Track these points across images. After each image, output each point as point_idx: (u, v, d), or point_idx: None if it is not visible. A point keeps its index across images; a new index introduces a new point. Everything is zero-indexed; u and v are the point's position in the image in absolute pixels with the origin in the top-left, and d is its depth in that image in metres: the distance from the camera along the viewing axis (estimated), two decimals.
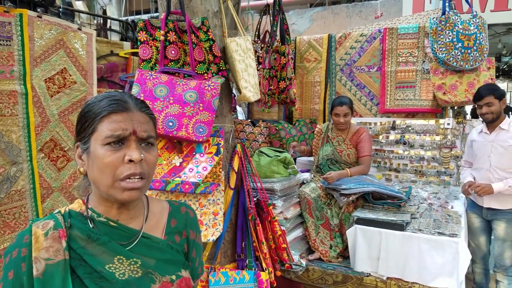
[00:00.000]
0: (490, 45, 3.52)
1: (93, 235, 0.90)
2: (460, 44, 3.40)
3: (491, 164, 2.85)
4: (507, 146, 2.77)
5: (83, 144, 0.90)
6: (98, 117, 0.88)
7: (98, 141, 0.87)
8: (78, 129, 0.92)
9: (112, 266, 0.89)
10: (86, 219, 0.92)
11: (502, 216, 2.85)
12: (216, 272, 2.18)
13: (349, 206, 2.97)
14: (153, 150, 0.94)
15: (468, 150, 3.15)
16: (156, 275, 0.94)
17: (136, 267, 0.92)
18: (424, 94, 3.77)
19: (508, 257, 2.85)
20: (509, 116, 7.42)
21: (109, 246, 0.90)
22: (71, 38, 2.59)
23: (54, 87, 2.48)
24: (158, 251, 0.97)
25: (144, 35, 2.16)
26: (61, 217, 0.90)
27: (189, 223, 1.08)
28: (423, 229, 2.60)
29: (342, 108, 3.14)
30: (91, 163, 0.89)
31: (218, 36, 2.27)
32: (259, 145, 3.62)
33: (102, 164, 0.86)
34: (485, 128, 2.92)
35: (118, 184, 0.87)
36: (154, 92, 2.03)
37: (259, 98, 2.42)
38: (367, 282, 2.67)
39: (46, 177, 2.43)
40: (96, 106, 0.90)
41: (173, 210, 1.08)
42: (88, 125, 0.89)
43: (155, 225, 1.01)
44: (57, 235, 0.87)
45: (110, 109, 0.88)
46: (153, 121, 0.97)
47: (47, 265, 0.84)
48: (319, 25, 6.50)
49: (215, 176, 2.14)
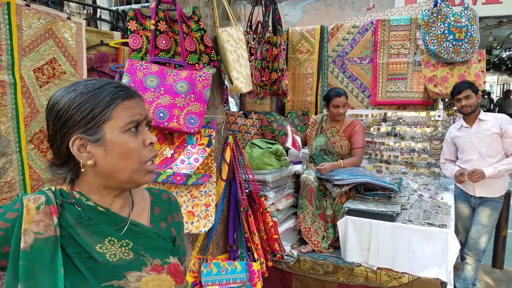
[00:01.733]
0: (481, 38, 3.54)
1: (83, 216, 0.89)
2: (452, 36, 3.41)
3: (481, 154, 2.96)
4: (491, 134, 2.92)
5: (90, 135, 0.87)
6: (112, 105, 0.87)
7: (116, 129, 0.87)
8: (78, 121, 0.86)
9: (103, 246, 0.89)
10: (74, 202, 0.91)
11: (489, 204, 2.99)
12: (208, 263, 2.19)
13: (342, 197, 2.98)
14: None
15: (448, 148, 3.24)
16: (148, 257, 0.94)
17: (127, 249, 0.92)
18: (415, 86, 3.79)
19: (484, 242, 3.01)
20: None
21: (99, 228, 0.90)
22: (60, 27, 2.55)
23: (43, 77, 2.44)
24: (146, 238, 0.97)
25: (134, 24, 2.13)
26: (52, 194, 0.89)
27: (173, 208, 1.10)
28: (413, 220, 2.63)
29: (341, 99, 3.18)
30: (108, 152, 0.87)
31: (210, 26, 2.25)
32: (251, 137, 3.62)
33: (128, 149, 0.88)
34: (464, 123, 3.06)
35: (144, 168, 0.90)
36: (145, 82, 2.01)
37: (251, 89, 2.41)
38: (358, 272, 2.70)
39: (36, 168, 2.40)
40: (100, 94, 0.87)
41: (155, 198, 1.08)
42: (98, 114, 0.86)
43: (140, 214, 1.02)
44: (49, 210, 0.86)
45: (123, 96, 0.89)
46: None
47: (36, 238, 0.82)
48: (311, 16, 6.47)
49: (206, 167, 2.14)
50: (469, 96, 2.94)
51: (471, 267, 3.06)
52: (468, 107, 2.95)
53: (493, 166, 2.89)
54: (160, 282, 0.94)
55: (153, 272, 0.94)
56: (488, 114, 3.02)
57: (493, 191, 2.98)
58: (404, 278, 2.57)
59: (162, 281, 0.94)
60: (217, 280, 2.14)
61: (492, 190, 2.98)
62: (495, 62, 15.25)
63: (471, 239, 3.04)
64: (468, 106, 2.95)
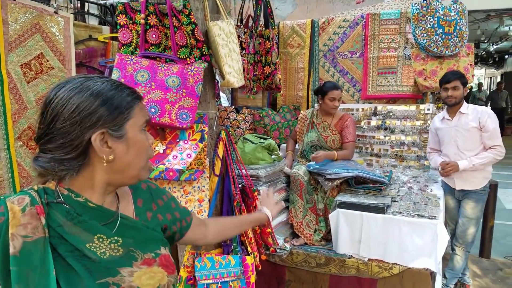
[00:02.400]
0: (470, 32, 3.57)
1: (72, 213, 0.87)
2: (441, 30, 3.44)
3: (459, 148, 2.97)
4: (470, 128, 2.91)
5: (115, 131, 0.88)
6: (135, 104, 0.93)
7: (136, 127, 0.93)
8: (105, 115, 0.87)
9: (93, 245, 0.88)
10: (61, 199, 0.89)
11: (471, 196, 3.02)
12: (202, 257, 2.19)
13: (333, 190, 3.00)
14: None
15: (432, 138, 3.27)
16: (138, 252, 0.95)
17: (117, 246, 0.92)
18: (405, 80, 3.82)
19: (471, 234, 3.05)
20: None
21: (89, 224, 0.89)
22: (48, 22, 2.50)
23: (30, 73, 2.40)
24: (135, 230, 0.98)
25: (123, 18, 2.10)
26: (36, 193, 0.86)
27: (154, 195, 1.12)
28: (403, 212, 2.66)
29: (338, 91, 3.20)
30: (128, 148, 0.92)
31: (200, 20, 2.23)
32: (244, 132, 3.62)
33: (143, 147, 0.95)
34: (447, 115, 3.06)
35: (148, 165, 0.98)
36: (135, 77, 1.99)
37: (243, 84, 2.40)
38: (349, 264, 2.73)
39: (25, 165, 2.37)
40: (122, 93, 0.92)
41: (135, 190, 1.08)
42: (124, 111, 0.91)
43: (126, 208, 1.02)
44: (35, 211, 0.83)
45: (139, 97, 0.96)
46: None
47: (24, 242, 0.80)
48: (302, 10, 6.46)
49: (199, 163, 2.13)
50: (456, 87, 2.91)
51: (460, 257, 3.11)
52: (453, 98, 2.93)
53: (469, 159, 2.89)
54: (152, 274, 0.95)
55: (144, 266, 0.94)
56: (471, 107, 2.98)
57: (473, 184, 2.98)
58: (395, 269, 2.61)
59: (154, 273, 0.95)
60: (211, 275, 2.14)
61: (472, 183, 2.99)
62: (483, 55, 15.42)
63: (459, 231, 3.09)
64: (453, 98, 2.93)
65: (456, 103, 2.96)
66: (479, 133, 2.89)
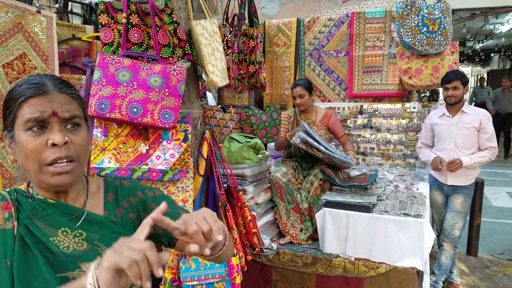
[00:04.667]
0: (455, 30, 3.61)
1: (37, 208, 0.91)
2: (425, 29, 3.47)
3: (457, 145, 3.04)
4: (470, 127, 2.99)
5: (9, 132, 0.89)
6: (17, 103, 0.87)
7: (20, 127, 0.87)
8: (2, 118, 0.91)
9: (56, 239, 0.90)
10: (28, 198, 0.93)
11: (461, 191, 3.09)
12: (186, 259, 2.17)
13: (317, 189, 3.01)
14: (81, 131, 0.92)
15: (426, 133, 3.30)
16: (102, 247, 0.94)
17: (80, 240, 0.92)
18: (390, 79, 3.84)
19: (459, 228, 3.11)
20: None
21: (53, 218, 0.91)
22: (30, 21, 2.46)
23: (13, 73, 2.36)
24: (101, 226, 0.97)
25: (105, 18, 2.07)
26: (6, 193, 0.92)
27: (126, 193, 1.07)
28: (389, 211, 2.67)
29: (296, 89, 3.25)
30: (18, 151, 0.88)
31: (183, 19, 2.22)
32: (230, 131, 3.60)
33: (26, 150, 0.86)
34: (447, 112, 3.11)
35: (46, 169, 0.87)
36: (117, 76, 1.96)
37: (227, 83, 2.39)
38: (336, 263, 2.73)
39: (8, 166, 2.34)
40: (14, 92, 0.88)
41: (108, 185, 1.07)
42: (9, 113, 0.88)
43: (96, 204, 1.01)
44: (2, 205, 0.88)
45: (27, 94, 0.86)
46: (77, 101, 0.94)
47: None
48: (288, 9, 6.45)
49: (183, 163, 2.11)
50: (456, 87, 2.98)
51: (448, 253, 3.16)
52: (454, 97, 3.00)
53: (470, 157, 2.97)
54: None
55: None
56: (471, 107, 3.09)
57: (465, 180, 3.07)
58: (381, 268, 2.61)
59: None
60: (196, 276, 2.12)
61: (463, 179, 3.07)
62: (469, 53, 15.62)
63: (447, 226, 3.14)
64: (454, 97, 3.00)
65: (457, 102, 3.03)
66: (477, 133, 3.00)
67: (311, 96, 3.27)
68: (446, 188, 3.14)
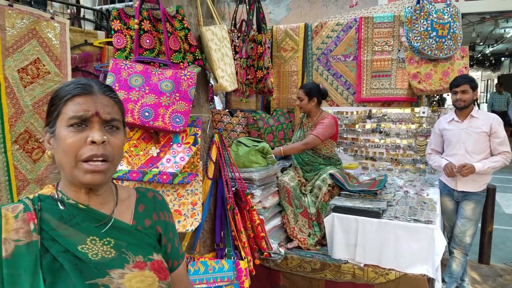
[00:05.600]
0: (464, 34, 3.60)
1: (65, 216, 0.91)
2: (435, 33, 3.46)
3: (467, 150, 3.01)
4: (480, 132, 2.96)
5: (50, 128, 0.93)
6: (63, 100, 0.90)
7: (63, 123, 0.90)
8: (46, 114, 0.94)
9: (85, 247, 0.90)
10: (57, 202, 0.93)
11: (472, 197, 3.04)
12: (195, 261, 2.18)
13: (326, 195, 3.01)
14: (118, 134, 0.95)
15: (435, 139, 3.28)
16: (130, 254, 0.95)
17: (109, 248, 0.93)
18: (399, 83, 3.83)
19: (469, 236, 3.06)
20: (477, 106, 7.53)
21: (82, 226, 0.92)
22: (44, 27, 2.52)
23: (27, 77, 2.41)
24: (128, 234, 0.99)
25: (118, 24, 2.11)
26: (29, 201, 0.91)
27: (158, 206, 1.10)
28: (399, 216, 2.65)
29: (298, 91, 3.32)
30: (57, 146, 0.91)
31: (193, 25, 2.25)
32: (237, 135, 3.63)
33: (65, 145, 0.88)
34: (456, 117, 3.09)
35: (81, 166, 0.88)
36: (129, 81, 1.99)
37: (236, 87, 2.41)
38: (345, 269, 2.72)
39: (22, 169, 2.38)
40: (62, 91, 0.92)
41: (140, 196, 1.09)
42: (54, 109, 0.92)
43: (124, 211, 1.03)
44: (27, 217, 0.88)
45: (74, 92, 0.91)
46: (119, 106, 0.98)
47: (16, 246, 0.84)
48: (295, 14, 6.49)
49: (193, 166, 2.13)
50: (465, 91, 2.96)
51: (459, 260, 3.11)
52: (462, 101, 2.98)
53: (482, 162, 2.94)
54: (143, 278, 0.95)
55: (136, 269, 0.95)
56: (480, 112, 3.07)
57: (475, 186, 3.03)
58: (391, 275, 2.59)
59: (145, 277, 0.95)
60: (205, 279, 2.14)
61: (474, 185, 3.03)
62: (479, 58, 15.48)
63: (457, 233, 3.09)
64: (462, 101, 2.98)
65: (465, 107, 3.01)
66: (487, 138, 2.97)
67: (311, 101, 3.25)
68: (456, 194, 3.11)
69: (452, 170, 2.98)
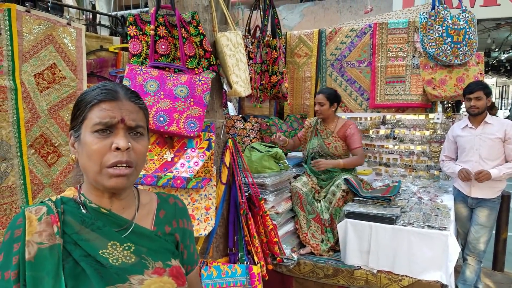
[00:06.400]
0: (480, 40, 3.57)
1: (87, 220, 0.92)
2: (450, 39, 3.43)
3: (481, 156, 2.98)
4: (494, 138, 2.94)
5: (75, 131, 0.93)
6: (88, 105, 0.91)
7: (88, 129, 0.90)
8: (71, 118, 0.95)
9: (106, 251, 0.91)
10: (79, 205, 0.94)
11: (486, 204, 3.02)
12: (208, 266, 2.19)
13: (339, 200, 2.99)
14: (143, 140, 0.96)
15: (449, 146, 3.25)
16: (149, 260, 0.95)
17: (129, 253, 0.94)
18: (414, 89, 3.80)
19: (483, 242, 3.03)
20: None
21: (103, 230, 0.92)
22: (60, 33, 2.57)
23: (43, 82, 2.45)
24: (148, 240, 0.99)
25: (134, 29, 2.14)
26: (52, 204, 0.92)
27: (178, 213, 1.10)
28: (412, 223, 2.63)
29: (318, 96, 3.26)
30: (81, 150, 0.91)
31: (208, 31, 2.27)
32: (250, 140, 3.63)
33: (90, 150, 0.89)
34: (469, 123, 3.07)
35: (106, 171, 0.89)
36: (145, 87, 2.02)
37: (250, 93, 2.42)
38: (358, 275, 2.70)
39: (37, 173, 2.42)
40: (88, 95, 0.92)
41: (162, 201, 1.09)
42: (80, 113, 0.92)
43: (145, 216, 1.03)
44: (50, 220, 0.88)
45: (100, 98, 0.91)
46: (143, 112, 0.99)
47: (39, 249, 0.85)
48: (309, 20, 6.50)
49: (206, 171, 2.15)
50: (479, 97, 2.94)
51: (472, 267, 3.08)
52: (476, 108, 2.96)
53: (498, 168, 2.91)
54: (162, 284, 0.95)
55: (155, 275, 0.95)
56: (494, 118, 3.04)
57: (489, 193, 3.00)
58: (404, 281, 2.57)
59: (163, 284, 0.95)
60: (218, 283, 2.14)
61: (488, 191, 3.00)
62: (494, 64, 15.26)
63: (471, 240, 3.06)
64: (476, 108, 2.96)
65: (479, 113, 2.99)
66: (501, 144, 2.94)
67: (331, 107, 3.24)
68: (471, 201, 3.08)
69: (467, 174, 2.95)
